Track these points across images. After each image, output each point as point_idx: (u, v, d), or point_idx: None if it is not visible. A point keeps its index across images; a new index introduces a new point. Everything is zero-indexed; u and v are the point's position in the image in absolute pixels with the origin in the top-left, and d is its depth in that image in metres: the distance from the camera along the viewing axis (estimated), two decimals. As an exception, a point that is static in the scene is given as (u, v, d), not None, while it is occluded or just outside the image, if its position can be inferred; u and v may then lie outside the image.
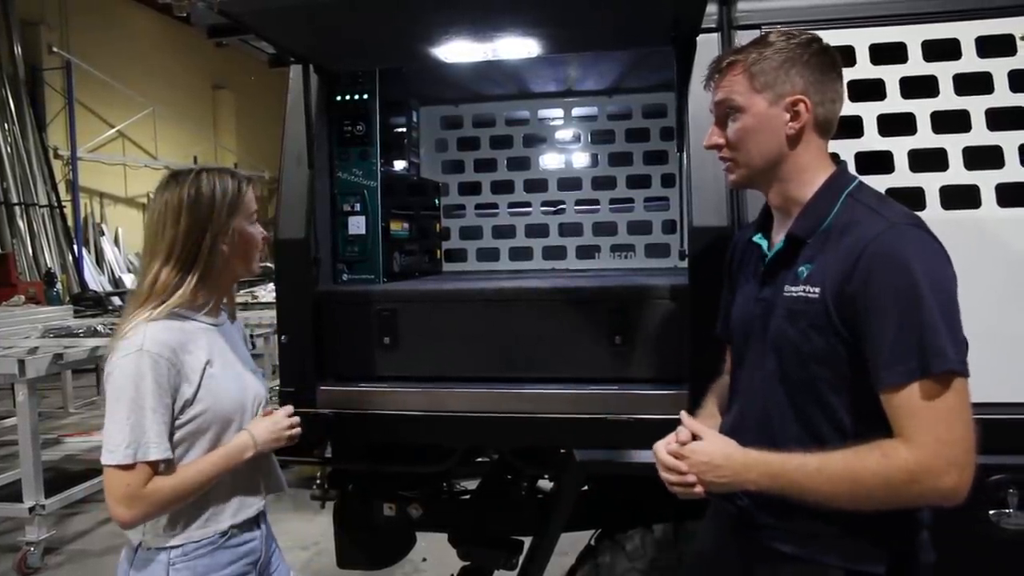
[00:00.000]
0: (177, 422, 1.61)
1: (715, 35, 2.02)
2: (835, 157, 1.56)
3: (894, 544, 1.38)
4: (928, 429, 1.26)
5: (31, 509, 4.11)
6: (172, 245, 1.65)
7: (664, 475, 1.44)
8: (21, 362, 3.98)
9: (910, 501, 1.30)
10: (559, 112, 3.14)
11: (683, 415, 1.49)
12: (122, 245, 12.96)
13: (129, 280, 12.00)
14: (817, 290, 1.37)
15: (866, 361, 1.32)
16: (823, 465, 1.31)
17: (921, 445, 1.26)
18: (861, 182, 1.47)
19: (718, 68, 1.50)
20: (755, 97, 1.44)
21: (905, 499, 1.29)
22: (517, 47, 2.09)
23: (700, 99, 2.02)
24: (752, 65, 1.44)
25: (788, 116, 1.43)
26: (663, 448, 1.45)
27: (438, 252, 3.15)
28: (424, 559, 3.77)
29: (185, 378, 1.61)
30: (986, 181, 1.87)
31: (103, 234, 12.65)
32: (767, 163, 1.46)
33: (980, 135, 1.88)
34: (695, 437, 1.44)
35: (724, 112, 1.49)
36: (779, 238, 1.49)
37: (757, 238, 1.56)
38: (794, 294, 1.41)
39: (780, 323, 1.43)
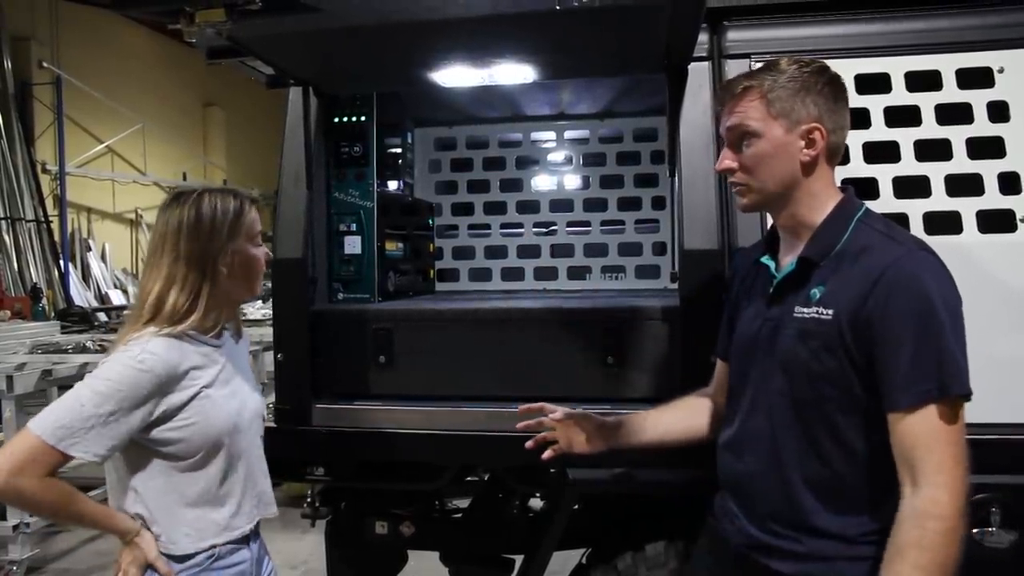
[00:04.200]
0: (162, 438, 1.60)
1: (706, 63, 2.08)
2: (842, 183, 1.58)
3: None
4: (950, 461, 1.28)
5: (15, 527, 4.07)
6: (174, 267, 1.64)
7: None
8: (9, 378, 3.96)
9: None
10: (551, 135, 3.19)
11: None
12: (109, 261, 12.87)
13: (116, 296, 11.92)
14: (830, 312, 1.38)
15: (876, 383, 1.34)
16: None
17: (950, 476, 1.28)
18: (868, 208, 1.49)
19: (732, 93, 1.50)
20: (771, 123, 1.45)
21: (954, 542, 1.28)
22: (513, 73, 2.14)
23: (691, 124, 2.08)
24: (768, 92, 1.45)
25: (803, 143, 1.44)
26: None
27: (431, 272, 3.18)
28: (414, 578, 3.76)
29: (169, 401, 1.59)
30: (967, 208, 1.93)
31: (90, 250, 12.57)
32: (781, 188, 1.47)
33: (961, 163, 1.95)
34: None
35: (738, 137, 1.49)
36: (787, 260, 1.51)
37: (765, 259, 1.57)
38: (805, 315, 1.42)
39: (790, 343, 1.44)
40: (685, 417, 1.75)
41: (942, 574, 1.27)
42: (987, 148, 1.94)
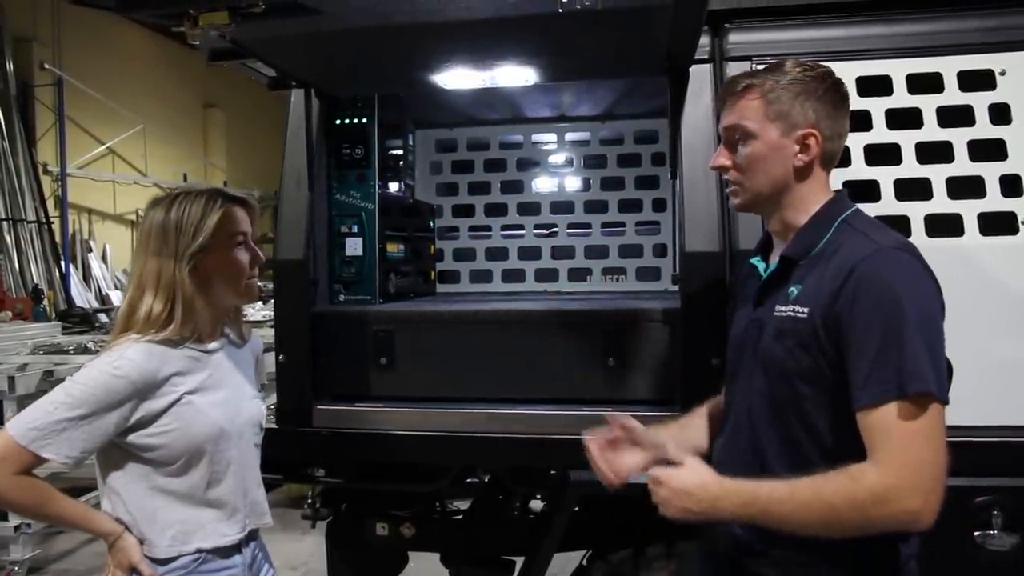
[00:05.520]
0: (141, 443, 1.59)
1: (707, 66, 2.09)
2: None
3: (878, 573, 1.39)
4: (897, 451, 1.26)
5: (16, 528, 4.07)
6: (145, 273, 1.63)
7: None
8: (11, 379, 3.97)
9: (878, 524, 1.28)
10: (552, 137, 3.19)
11: (670, 449, 1.51)
12: (109, 262, 12.89)
13: (116, 297, 11.93)
14: (806, 310, 1.39)
15: (847, 380, 1.34)
16: (793, 491, 1.30)
17: (888, 466, 1.26)
18: (858, 210, 1.49)
19: (733, 91, 1.50)
20: (768, 125, 1.45)
21: (873, 522, 1.28)
22: (515, 75, 2.14)
23: (692, 127, 2.08)
24: (768, 92, 1.45)
25: (798, 148, 1.45)
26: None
27: (432, 273, 3.19)
28: (415, 580, 3.76)
29: (148, 407, 1.58)
30: (969, 210, 1.93)
31: (91, 251, 12.58)
32: (773, 191, 1.48)
33: (963, 166, 1.95)
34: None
35: (734, 136, 1.50)
36: (775, 260, 1.52)
37: (755, 260, 1.59)
38: (783, 314, 1.43)
39: (769, 342, 1.45)
40: (708, 427, 1.71)
41: (823, 509, 1.27)
42: (989, 150, 1.94)
